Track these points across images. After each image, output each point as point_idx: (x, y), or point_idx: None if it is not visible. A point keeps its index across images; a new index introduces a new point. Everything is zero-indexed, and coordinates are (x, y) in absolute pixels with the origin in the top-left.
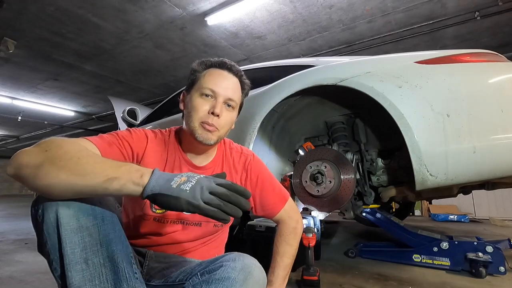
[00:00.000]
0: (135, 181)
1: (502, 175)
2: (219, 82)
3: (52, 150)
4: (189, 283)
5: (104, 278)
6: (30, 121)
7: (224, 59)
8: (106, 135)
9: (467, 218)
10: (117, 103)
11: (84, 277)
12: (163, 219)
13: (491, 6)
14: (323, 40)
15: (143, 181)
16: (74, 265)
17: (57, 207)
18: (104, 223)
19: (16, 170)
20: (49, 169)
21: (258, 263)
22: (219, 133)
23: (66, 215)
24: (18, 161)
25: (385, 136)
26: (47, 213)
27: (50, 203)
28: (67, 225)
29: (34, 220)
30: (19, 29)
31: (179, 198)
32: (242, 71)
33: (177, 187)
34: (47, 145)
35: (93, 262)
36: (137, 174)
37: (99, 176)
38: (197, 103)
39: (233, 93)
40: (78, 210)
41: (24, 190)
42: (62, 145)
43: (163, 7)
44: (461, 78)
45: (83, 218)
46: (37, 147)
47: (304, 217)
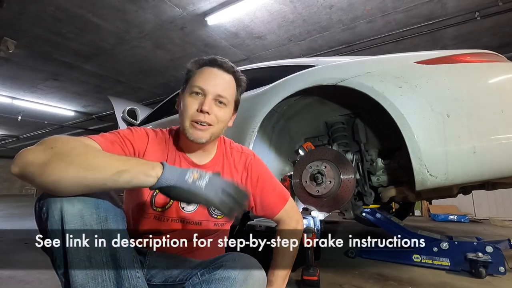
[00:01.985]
0: (146, 172)
1: (502, 175)
2: (209, 80)
3: (58, 147)
4: (189, 283)
5: (107, 276)
6: (30, 121)
7: (215, 56)
8: (108, 134)
9: (467, 218)
10: (117, 103)
11: (87, 275)
12: (163, 217)
13: (491, 6)
14: (323, 40)
15: (156, 172)
16: (77, 263)
17: (61, 204)
18: (107, 222)
19: (21, 169)
20: (57, 165)
21: (258, 263)
22: (212, 131)
23: (70, 213)
24: (23, 160)
25: (385, 136)
26: (51, 211)
27: (54, 200)
28: (71, 223)
29: (38, 217)
30: (19, 29)
31: (196, 195)
32: (235, 67)
33: (193, 183)
34: (51, 143)
35: (96, 260)
36: (147, 166)
37: (109, 169)
38: (187, 101)
39: (223, 89)
40: (83, 208)
41: (24, 190)
42: (68, 142)
43: (163, 7)
44: (461, 78)
45: (87, 216)
46: (41, 145)
47: (304, 217)
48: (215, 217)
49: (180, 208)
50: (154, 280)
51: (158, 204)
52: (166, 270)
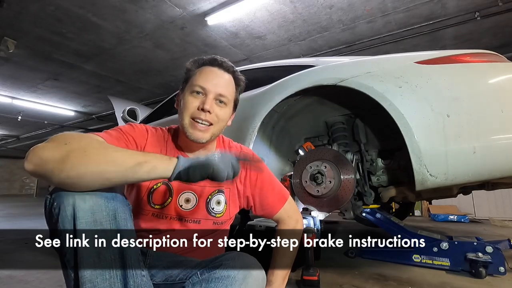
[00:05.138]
0: (164, 162)
1: (502, 175)
2: (210, 79)
3: (73, 143)
4: (189, 282)
5: (114, 273)
6: (30, 121)
7: (215, 56)
8: (112, 131)
9: (467, 219)
10: (117, 103)
11: (96, 271)
12: (161, 215)
13: (491, 6)
14: (323, 40)
15: (173, 162)
16: (87, 259)
17: (74, 200)
18: (116, 219)
19: (36, 166)
20: (76, 160)
21: (258, 262)
22: (213, 130)
23: (82, 209)
24: (37, 157)
25: (385, 136)
26: (63, 206)
27: (67, 196)
28: (82, 219)
29: (49, 212)
30: (19, 29)
31: (212, 167)
32: (234, 66)
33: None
34: (64, 139)
35: (105, 257)
36: (164, 157)
37: (129, 161)
38: (187, 100)
39: (224, 89)
40: (94, 204)
41: (24, 190)
42: (81, 138)
43: (163, 7)
44: (461, 79)
45: (98, 213)
46: (53, 142)
47: (304, 217)
48: (214, 216)
49: (179, 206)
50: (155, 279)
51: (156, 201)
52: (166, 269)
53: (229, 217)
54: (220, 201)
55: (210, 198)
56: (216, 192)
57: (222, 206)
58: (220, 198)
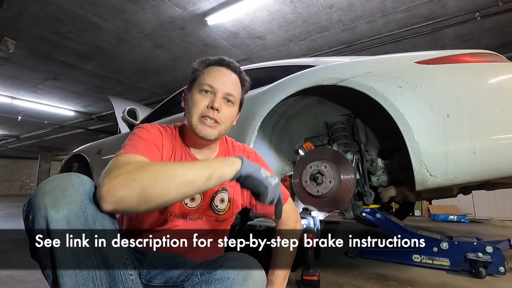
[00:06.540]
0: (228, 166)
1: (502, 175)
2: (218, 78)
3: (140, 178)
4: (189, 283)
5: (99, 281)
6: (30, 121)
7: (222, 56)
8: (136, 142)
9: (467, 219)
10: (117, 103)
11: (78, 281)
12: (166, 212)
13: (491, 6)
14: (323, 40)
15: (236, 166)
16: (66, 270)
17: (46, 211)
18: (96, 224)
19: (116, 206)
20: (152, 193)
21: (258, 263)
22: (220, 128)
23: (55, 219)
24: (114, 198)
25: (385, 136)
26: (36, 218)
27: (39, 207)
28: (57, 229)
29: (25, 225)
30: (19, 29)
31: (266, 188)
32: (240, 67)
33: (266, 178)
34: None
35: (86, 265)
36: (227, 162)
37: (200, 178)
38: (196, 99)
39: (231, 88)
40: (68, 213)
41: (24, 190)
42: (143, 169)
43: (163, 7)
44: (461, 79)
45: (74, 220)
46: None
47: (304, 217)
48: (217, 213)
49: (184, 204)
50: (155, 281)
51: None
52: (166, 271)
53: (231, 215)
54: (224, 199)
55: (215, 196)
56: (221, 190)
57: (226, 204)
58: (224, 196)
